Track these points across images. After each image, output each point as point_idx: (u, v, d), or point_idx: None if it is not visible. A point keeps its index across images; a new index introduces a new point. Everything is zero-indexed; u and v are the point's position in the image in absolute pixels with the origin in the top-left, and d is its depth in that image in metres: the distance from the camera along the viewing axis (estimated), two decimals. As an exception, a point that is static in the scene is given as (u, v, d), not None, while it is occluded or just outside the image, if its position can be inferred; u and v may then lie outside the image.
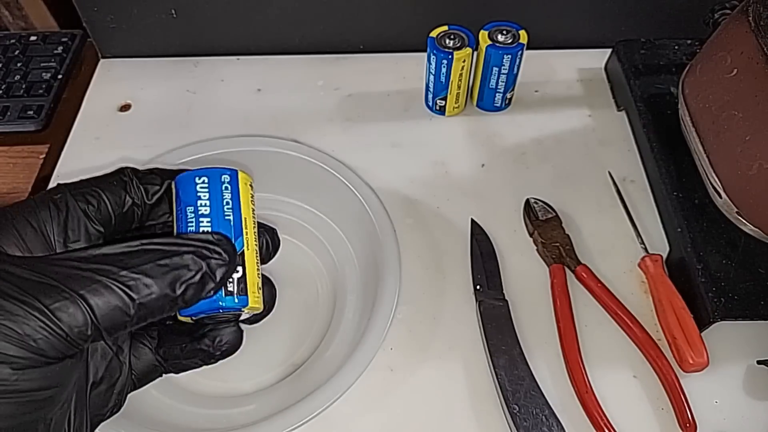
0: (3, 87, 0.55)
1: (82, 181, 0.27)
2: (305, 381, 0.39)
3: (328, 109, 0.54)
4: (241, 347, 0.43)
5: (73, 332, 0.21)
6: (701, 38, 0.48)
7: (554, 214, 0.46)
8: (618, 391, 0.39)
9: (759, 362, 0.40)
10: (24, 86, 0.56)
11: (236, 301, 0.26)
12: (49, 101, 0.55)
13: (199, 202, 0.26)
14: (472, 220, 0.46)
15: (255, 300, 0.27)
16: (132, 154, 0.49)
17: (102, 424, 0.33)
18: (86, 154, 0.51)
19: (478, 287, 0.42)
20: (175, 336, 0.29)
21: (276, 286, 0.31)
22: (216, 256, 0.25)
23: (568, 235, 0.45)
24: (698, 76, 0.43)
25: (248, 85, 0.56)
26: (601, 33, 0.57)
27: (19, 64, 0.57)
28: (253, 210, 0.28)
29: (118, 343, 0.27)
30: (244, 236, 0.27)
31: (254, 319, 0.31)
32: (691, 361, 0.38)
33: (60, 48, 0.59)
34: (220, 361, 0.31)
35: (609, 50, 0.56)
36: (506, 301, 0.42)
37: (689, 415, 0.37)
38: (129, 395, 0.28)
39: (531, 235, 0.46)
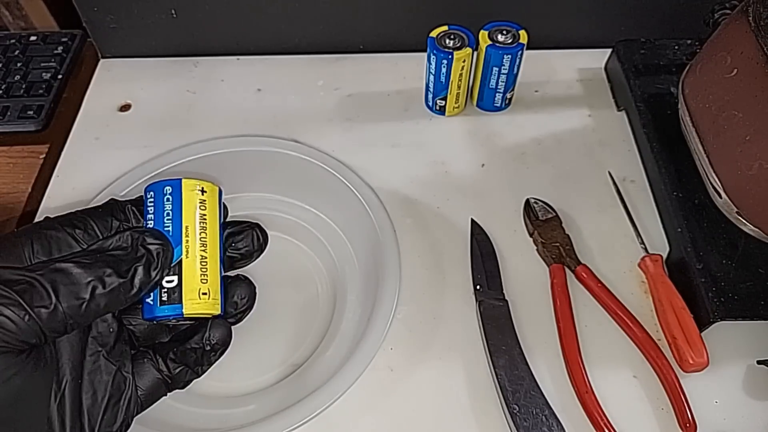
0: (3, 87, 0.55)
1: (69, 213, 0.28)
2: (305, 381, 0.39)
3: (328, 109, 0.54)
4: (242, 347, 0.43)
5: (35, 311, 0.22)
6: (701, 38, 0.48)
7: (554, 214, 0.46)
8: (618, 391, 0.39)
9: (759, 362, 0.40)
10: (24, 86, 0.56)
11: (168, 310, 0.28)
12: (49, 101, 0.55)
13: (148, 216, 0.28)
14: (472, 220, 0.46)
15: (193, 306, 0.28)
16: (132, 154, 0.49)
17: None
18: (86, 154, 0.51)
19: (478, 287, 0.42)
20: (166, 344, 0.30)
21: (256, 285, 0.33)
22: (150, 240, 0.27)
23: (568, 235, 0.45)
24: (698, 76, 0.43)
25: (248, 85, 0.56)
26: (601, 33, 0.57)
27: (19, 64, 0.57)
28: (203, 216, 0.29)
29: (119, 357, 0.28)
30: (183, 244, 0.28)
31: (236, 319, 0.32)
32: (691, 361, 0.38)
33: (60, 48, 0.59)
34: (217, 362, 0.31)
35: (609, 50, 0.56)
36: (506, 301, 0.42)
37: (689, 415, 0.37)
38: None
39: (531, 235, 0.46)
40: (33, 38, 0.59)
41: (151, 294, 0.28)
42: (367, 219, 0.43)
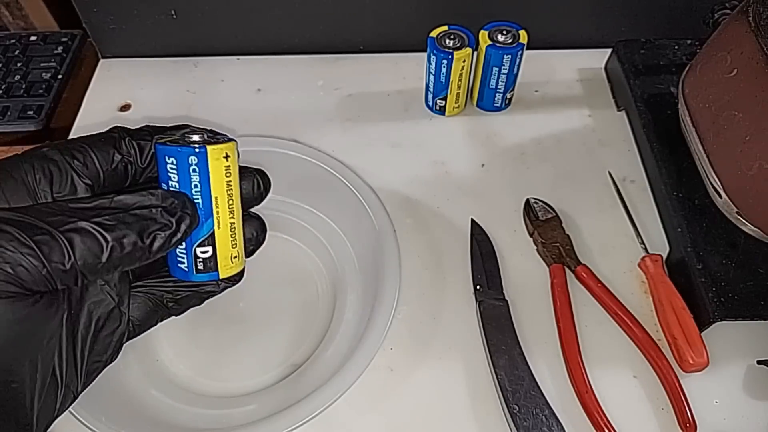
0: (3, 87, 0.56)
1: (71, 139, 0.27)
2: (305, 381, 0.39)
3: (328, 109, 0.54)
4: (242, 347, 0.43)
5: (52, 266, 0.22)
6: (701, 38, 0.48)
7: (554, 214, 0.46)
8: (618, 391, 0.39)
9: (759, 362, 0.40)
10: (24, 86, 0.56)
11: (204, 277, 0.29)
12: (49, 101, 0.55)
13: (170, 182, 0.27)
14: (472, 220, 0.46)
15: (227, 271, 0.29)
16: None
17: (102, 421, 0.34)
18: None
19: (478, 287, 0.42)
20: (166, 278, 0.30)
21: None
22: (181, 213, 0.26)
23: (568, 235, 0.45)
24: (698, 76, 0.43)
25: (248, 85, 0.56)
26: (601, 33, 0.57)
27: (19, 64, 0.57)
28: (229, 183, 0.28)
29: (119, 293, 0.28)
30: (215, 216, 0.28)
31: (249, 254, 0.32)
32: (691, 361, 0.38)
33: (60, 48, 0.59)
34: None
35: (609, 50, 0.56)
36: (506, 301, 0.42)
37: (689, 415, 0.37)
38: (126, 344, 0.29)
39: (531, 235, 0.46)
40: (33, 38, 0.59)
41: (185, 260, 0.28)
42: (367, 219, 0.43)
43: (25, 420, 0.23)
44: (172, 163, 0.27)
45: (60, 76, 0.57)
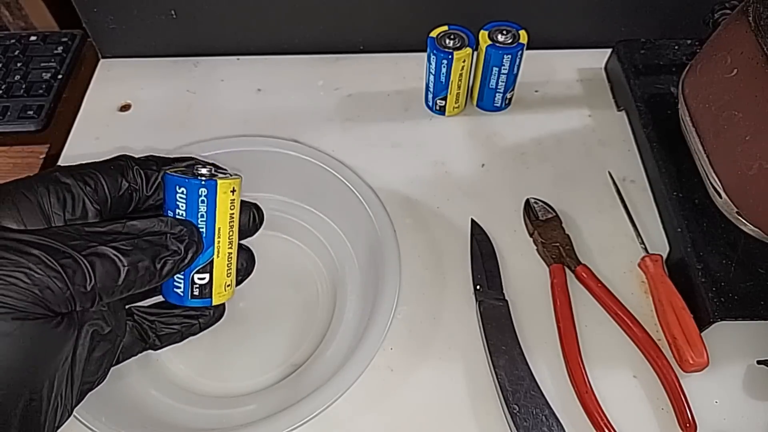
0: (3, 87, 0.55)
1: (81, 164, 0.29)
2: (305, 381, 0.39)
3: (328, 109, 0.54)
4: (242, 347, 0.43)
5: (75, 288, 0.23)
6: (701, 38, 0.48)
7: (554, 214, 0.46)
8: (618, 391, 0.39)
9: (759, 362, 0.40)
10: (24, 86, 0.56)
11: (198, 303, 0.30)
12: (49, 101, 0.55)
13: (177, 210, 0.29)
14: (472, 220, 0.46)
15: (220, 298, 0.31)
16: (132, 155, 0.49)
17: (102, 421, 0.34)
18: (86, 154, 0.51)
19: (478, 287, 0.42)
20: (152, 308, 0.32)
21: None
22: (189, 240, 0.28)
23: (568, 235, 0.45)
24: (698, 76, 0.43)
25: (248, 85, 0.56)
26: (601, 33, 0.57)
27: (19, 64, 0.57)
28: (232, 216, 0.30)
29: (117, 318, 0.29)
30: (215, 245, 0.29)
31: (237, 283, 0.33)
32: (691, 361, 0.38)
33: (60, 48, 0.59)
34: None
35: (609, 50, 0.56)
36: (506, 301, 0.42)
37: (689, 415, 0.37)
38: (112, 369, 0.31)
39: (531, 235, 0.46)
40: (33, 38, 0.59)
41: (182, 286, 0.29)
42: (367, 219, 0.43)
43: None
44: (182, 192, 0.28)
45: (60, 76, 0.57)
